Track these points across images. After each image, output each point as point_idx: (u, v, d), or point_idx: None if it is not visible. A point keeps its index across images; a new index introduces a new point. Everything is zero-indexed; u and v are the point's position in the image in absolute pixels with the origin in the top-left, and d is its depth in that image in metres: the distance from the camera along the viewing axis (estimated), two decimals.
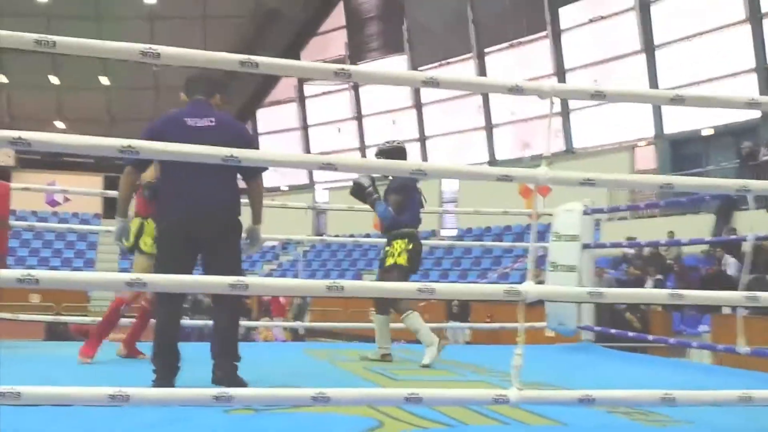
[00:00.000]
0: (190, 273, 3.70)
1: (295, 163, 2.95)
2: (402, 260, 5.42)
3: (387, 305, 5.49)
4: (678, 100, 2.86)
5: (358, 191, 5.68)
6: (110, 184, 27.16)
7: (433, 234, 23.92)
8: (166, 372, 3.83)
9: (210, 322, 4.33)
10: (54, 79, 30.89)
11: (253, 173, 3.96)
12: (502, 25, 24.12)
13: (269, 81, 31.35)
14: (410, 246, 5.47)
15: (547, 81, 2.77)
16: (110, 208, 28.51)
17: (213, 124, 3.88)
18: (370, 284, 2.79)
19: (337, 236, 18.85)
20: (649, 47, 20.66)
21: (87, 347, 4.82)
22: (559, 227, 6.78)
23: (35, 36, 2.32)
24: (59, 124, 31.10)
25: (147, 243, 4.74)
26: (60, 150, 2.50)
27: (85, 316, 16.71)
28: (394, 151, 5.69)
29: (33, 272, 2.33)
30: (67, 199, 22.83)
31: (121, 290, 4.49)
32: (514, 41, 24.06)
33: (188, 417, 3.15)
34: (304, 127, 30.39)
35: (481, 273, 19.79)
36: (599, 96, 2.77)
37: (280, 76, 30.91)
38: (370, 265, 23.96)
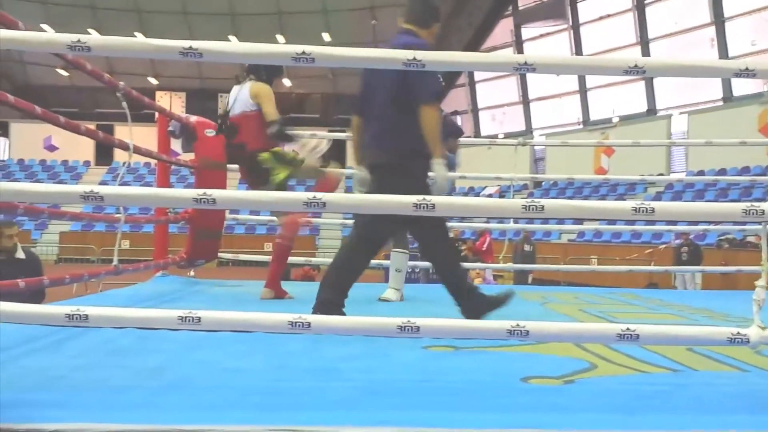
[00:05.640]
0: None
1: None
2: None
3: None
4: None
5: None
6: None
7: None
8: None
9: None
10: (281, 38, 32.41)
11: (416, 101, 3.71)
12: None
13: (484, 30, 30.72)
14: None
15: None
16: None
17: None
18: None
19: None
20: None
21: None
22: None
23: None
24: (287, 82, 32.64)
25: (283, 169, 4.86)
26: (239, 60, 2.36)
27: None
28: None
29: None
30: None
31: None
32: None
33: (386, 352, 2.98)
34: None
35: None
36: None
37: (496, 23, 30.33)
38: None
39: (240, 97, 4.87)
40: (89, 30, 26.13)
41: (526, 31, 29.11)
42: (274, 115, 4.79)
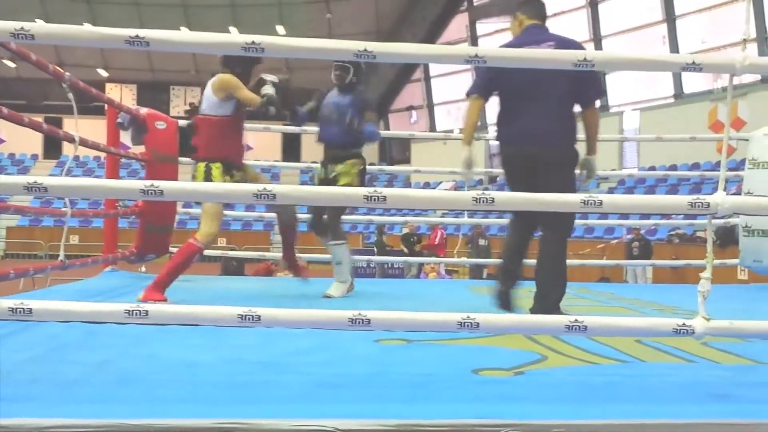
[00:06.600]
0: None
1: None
2: (356, 184, 4.98)
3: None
4: None
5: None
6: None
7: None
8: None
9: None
10: (234, 31, 32.11)
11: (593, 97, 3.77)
12: None
13: (438, 25, 30.72)
14: (362, 167, 5.12)
15: None
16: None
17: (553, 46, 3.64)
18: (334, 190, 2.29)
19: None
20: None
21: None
22: (757, 153, 6.04)
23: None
24: None
25: None
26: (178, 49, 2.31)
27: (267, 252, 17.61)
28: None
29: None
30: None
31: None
32: None
33: (339, 346, 2.97)
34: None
35: (665, 215, 18.48)
36: None
37: (451, 18, 30.39)
38: None
39: (206, 94, 4.61)
40: (36, 20, 25.55)
41: (482, 27, 29.23)
42: (254, 98, 4.36)
